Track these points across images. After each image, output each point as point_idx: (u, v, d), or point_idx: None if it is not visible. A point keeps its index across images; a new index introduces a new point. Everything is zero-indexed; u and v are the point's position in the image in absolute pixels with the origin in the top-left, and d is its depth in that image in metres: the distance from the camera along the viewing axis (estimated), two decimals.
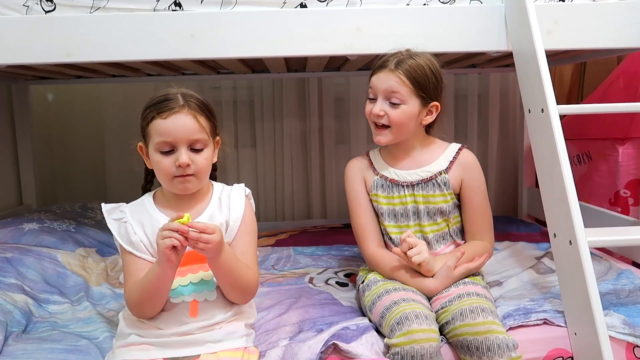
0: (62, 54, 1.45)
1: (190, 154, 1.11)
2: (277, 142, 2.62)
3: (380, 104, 1.35)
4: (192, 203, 1.18)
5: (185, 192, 1.14)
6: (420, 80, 1.32)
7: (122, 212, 1.18)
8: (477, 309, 1.15)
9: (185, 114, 1.10)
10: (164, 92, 1.13)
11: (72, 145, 2.65)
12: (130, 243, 1.14)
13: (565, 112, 1.28)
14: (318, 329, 1.25)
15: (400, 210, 1.40)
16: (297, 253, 1.94)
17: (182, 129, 1.09)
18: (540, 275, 1.58)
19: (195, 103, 1.12)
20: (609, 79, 2.22)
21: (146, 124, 1.12)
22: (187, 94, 1.13)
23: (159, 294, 1.10)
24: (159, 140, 1.10)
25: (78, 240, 1.86)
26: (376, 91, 1.37)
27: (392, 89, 1.33)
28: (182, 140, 1.09)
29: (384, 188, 1.42)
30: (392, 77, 1.33)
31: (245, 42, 1.47)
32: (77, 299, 1.51)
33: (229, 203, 1.19)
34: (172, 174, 1.11)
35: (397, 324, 1.14)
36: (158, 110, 1.10)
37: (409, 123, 1.35)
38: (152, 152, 1.12)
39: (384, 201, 1.41)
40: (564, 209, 1.21)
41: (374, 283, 1.35)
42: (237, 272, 1.11)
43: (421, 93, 1.33)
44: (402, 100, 1.33)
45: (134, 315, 1.14)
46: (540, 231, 2.12)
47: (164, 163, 1.11)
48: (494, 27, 1.49)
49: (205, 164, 1.13)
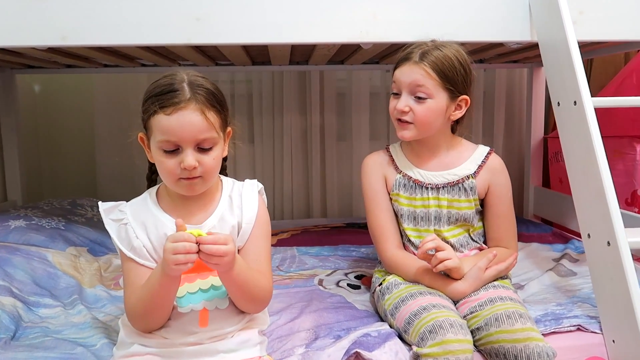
0: (56, 37, 1.34)
1: (197, 154, 0.98)
2: (277, 138, 2.52)
3: (405, 99, 1.26)
4: (200, 203, 1.06)
5: (191, 194, 1.03)
6: (447, 73, 1.23)
7: (122, 212, 1.06)
8: (515, 314, 1.07)
9: (192, 110, 0.96)
10: (169, 80, 0.99)
11: (61, 139, 2.53)
12: (132, 248, 1.03)
13: (600, 104, 1.20)
14: (335, 335, 1.16)
15: (421, 213, 1.31)
16: (301, 253, 1.85)
17: (188, 128, 0.96)
18: (562, 278, 1.51)
19: (203, 95, 0.98)
20: (620, 75, 2.16)
21: (147, 116, 0.99)
22: (194, 82, 0.99)
23: (165, 304, 0.99)
24: (162, 138, 0.97)
25: (68, 239, 1.75)
26: (400, 85, 1.27)
27: (418, 83, 1.23)
28: (188, 140, 0.96)
29: (406, 188, 1.33)
30: (416, 70, 1.23)
31: (254, 28, 1.37)
32: (70, 302, 1.39)
33: (241, 202, 1.08)
34: (176, 175, 0.98)
35: (429, 332, 1.05)
36: (161, 103, 0.96)
37: (436, 119, 1.26)
38: (154, 149, 1.00)
39: (405, 202, 1.32)
40: (602, 208, 1.13)
41: (394, 286, 1.26)
42: (251, 282, 1.00)
43: (449, 86, 1.24)
44: (429, 94, 1.24)
45: (137, 329, 1.03)
46: (551, 232, 2.05)
47: (167, 164, 0.98)
48: (518, 16, 1.41)
49: (214, 163, 1.01)
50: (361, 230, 2.15)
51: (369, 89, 2.52)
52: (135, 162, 2.43)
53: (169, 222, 1.03)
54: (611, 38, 1.42)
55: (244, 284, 0.99)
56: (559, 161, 2.29)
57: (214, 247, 0.90)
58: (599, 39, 1.42)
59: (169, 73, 1.02)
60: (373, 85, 2.54)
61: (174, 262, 0.89)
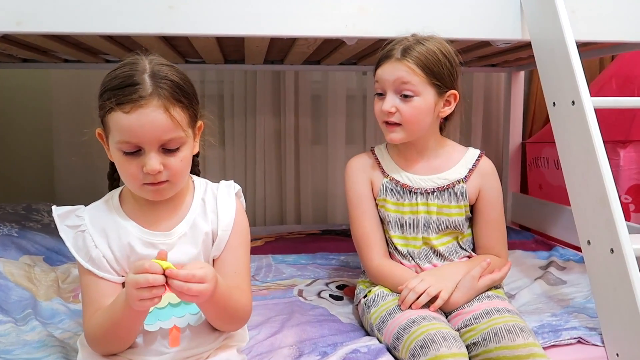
0: (10, 22, 1.21)
1: (162, 156, 0.85)
2: (249, 140, 2.40)
3: (391, 99, 1.18)
4: (169, 207, 0.94)
5: (159, 199, 0.90)
6: (433, 67, 1.16)
7: (80, 217, 0.92)
8: (515, 328, 0.99)
9: (154, 107, 0.83)
10: (128, 70, 0.85)
11: (15, 139, 2.35)
12: (90, 259, 0.90)
13: (600, 105, 1.14)
14: (321, 352, 1.07)
15: (409, 220, 1.23)
16: (277, 262, 1.74)
17: (149, 129, 0.83)
18: (552, 287, 1.45)
19: (167, 89, 0.84)
20: (598, 81, 2.15)
21: (104, 113, 0.86)
22: (157, 74, 0.85)
23: (129, 334, 0.88)
24: (121, 139, 0.84)
25: (22, 247, 1.59)
26: (384, 85, 1.19)
27: (402, 80, 1.15)
28: (151, 142, 0.84)
29: (394, 193, 1.24)
30: (400, 67, 1.16)
31: (231, 18, 1.27)
32: (22, 317, 1.24)
33: (216, 207, 0.95)
34: (140, 180, 0.86)
35: (420, 347, 0.96)
36: (118, 99, 0.82)
37: (425, 118, 1.19)
38: (113, 150, 0.87)
39: (392, 208, 1.24)
40: (604, 213, 1.07)
41: (381, 298, 1.17)
42: (231, 304, 0.89)
43: (435, 81, 1.17)
44: (415, 91, 1.16)
45: (95, 351, 0.90)
46: (533, 239, 2.01)
47: (128, 167, 0.86)
48: (509, 14, 1.35)
49: (182, 165, 0.88)
50: (338, 237, 2.06)
51: (346, 92, 2.44)
52: (97, 164, 2.28)
53: (132, 228, 0.91)
54: (605, 39, 1.37)
55: (222, 308, 0.88)
56: (539, 167, 2.26)
57: (186, 286, 0.78)
58: (593, 39, 1.37)
59: (129, 60, 0.88)
60: (349, 88, 2.46)
61: (138, 297, 0.77)
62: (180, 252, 0.91)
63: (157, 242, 0.91)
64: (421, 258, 1.23)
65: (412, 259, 1.23)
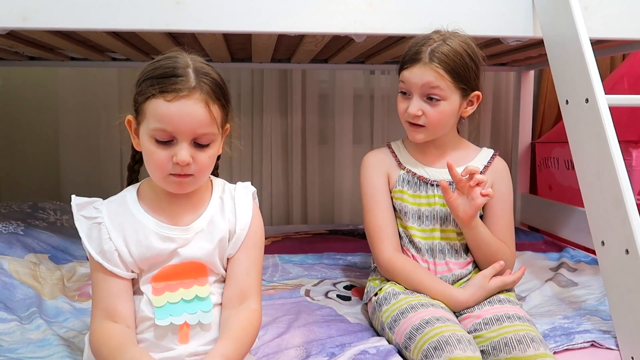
0: (16, 18, 1.20)
1: (193, 149, 0.86)
2: (255, 140, 2.39)
3: (417, 102, 1.17)
4: (188, 203, 0.94)
5: (180, 192, 0.91)
6: (459, 71, 1.15)
7: (98, 209, 0.92)
8: (526, 338, 0.96)
9: (196, 100, 0.85)
10: (172, 61, 0.87)
11: (22, 138, 2.35)
12: (101, 251, 0.89)
13: (615, 102, 1.12)
14: (329, 353, 1.05)
15: (427, 211, 1.22)
16: (284, 262, 1.72)
17: (188, 120, 0.84)
18: (564, 289, 1.43)
19: (209, 85, 0.86)
20: (609, 80, 2.11)
21: (143, 99, 0.86)
22: (200, 69, 0.87)
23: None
24: (157, 126, 0.85)
25: (28, 245, 1.58)
26: (410, 87, 1.18)
27: (431, 85, 1.14)
28: (186, 133, 0.85)
29: (410, 185, 1.23)
30: (428, 72, 1.14)
31: (239, 14, 1.26)
32: (27, 315, 1.23)
33: (234, 207, 0.96)
34: (167, 170, 0.86)
35: (434, 349, 0.94)
36: (162, 87, 0.84)
37: (449, 121, 1.20)
38: (145, 137, 0.87)
39: (410, 200, 1.23)
40: (619, 213, 1.05)
41: (393, 296, 1.15)
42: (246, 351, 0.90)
43: (462, 85, 1.16)
44: (442, 96, 1.15)
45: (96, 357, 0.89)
46: (543, 240, 1.98)
47: (158, 155, 0.86)
48: (520, 10, 1.34)
49: (209, 162, 0.89)
50: (345, 237, 2.04)
51: (353, 91, 2.42)
52: (103, 162, 2.28)
53: (149, 223, 0.91)
54: (618, 36, 1.35)
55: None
56: (549, 167, 2.23)
57: None
58: (605, 36, 1.35)
59: (170, 54, 0.90)
60: (357, 87, 2.44)
61: None
62: (196, 247, 0.91)
63: (174, 237, 0.91)
64: (436, 252, 1.21)
65: (426, 253, 1.21)
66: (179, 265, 0.90)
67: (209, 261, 0.92)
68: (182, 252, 0.91)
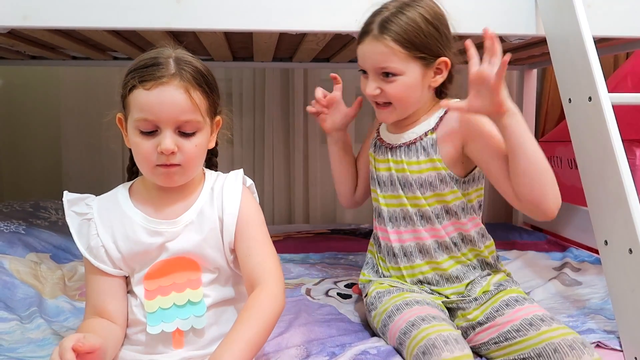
0: (17, 17, 1.20)
1: (178, 138, 0.86)
2: (257, 139, 2.39)
3: (373, 80, 1.11)
4: (179, 196, 0.93)
5: (169, 184, 0.90)
6: (415, 40, 1.05)
7: (89, 206, 0.93)
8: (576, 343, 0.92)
9: (176, 86, 0.84)
10: (154, 53, 0.88)
11: (24, 137, 2.36)
12: (88, 247, 0.90)
13: (618, 101, 1.11)
14: (329, 352, 1.04)
15: (383, 177, 1.20)
16: (286, 261, 1.72)
17: (168, 106, 0.84)
18: (568, 287, 1.42)
19: (190, 73, 0.86)
20: (612, 79, 2.10)
21: (126, 92, 0.86)
22: (182, 59, 0.88)
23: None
24: (139, 116, 0.85)
25: (29, 244, 1.58)
26: (364, 65, 1.12)
27: (382, 60, 1.07)
28: (168, 121, 0.84)
29: (375, 149, 1.25)
30: (378, 47, 1.06)
31: (240, 13, 1.26)
32: (27, 314, 1.23)
33: (222, 193, 0.94)
34: (153, 161, 0.86)
35: (422, 354, 0.92)
36: (141, 77, 0.84)
37: (414, 93, 1.10)
38: (131, 130, 0.87)
39: (374, 164, 1.23)
40: (622, 212, 1.04)
41: (377, 299, 1.13)
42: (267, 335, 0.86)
43: (420, 54, 1.06)
44: (398, 70, 1.07)
45: None
46: (546, 239, 1.97)
47: (143, 147, 0.86)
48: (522, 8, 1.33)
49: (196, 151, 0.88)
50: (347, 237, 2.04)
51: (355, 90, 2.41)
52: (105, 162, 2.28)
53: (137, 217, 0.91)
54: (621, 34, 1.34)
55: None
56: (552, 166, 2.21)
57: None
58: (609, 34, 1.34)
59: (156, 49, 0.90)
60: (359, 86, 2.41)
61: None
62: (184, 239, 0.91)
63: (162, 230, 0.90)
64: (399, 220, 1.17)
65: (390, 221, 1.18)
66: (169, 261, 0.89)
67: (199, 253, 0.91)
68: (170, 246, 0.90)
